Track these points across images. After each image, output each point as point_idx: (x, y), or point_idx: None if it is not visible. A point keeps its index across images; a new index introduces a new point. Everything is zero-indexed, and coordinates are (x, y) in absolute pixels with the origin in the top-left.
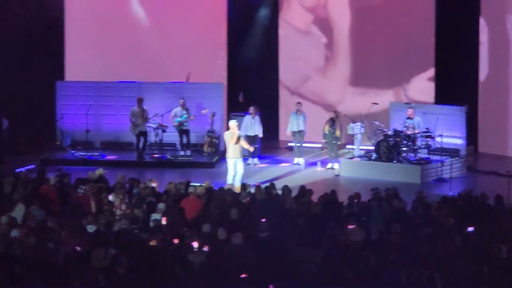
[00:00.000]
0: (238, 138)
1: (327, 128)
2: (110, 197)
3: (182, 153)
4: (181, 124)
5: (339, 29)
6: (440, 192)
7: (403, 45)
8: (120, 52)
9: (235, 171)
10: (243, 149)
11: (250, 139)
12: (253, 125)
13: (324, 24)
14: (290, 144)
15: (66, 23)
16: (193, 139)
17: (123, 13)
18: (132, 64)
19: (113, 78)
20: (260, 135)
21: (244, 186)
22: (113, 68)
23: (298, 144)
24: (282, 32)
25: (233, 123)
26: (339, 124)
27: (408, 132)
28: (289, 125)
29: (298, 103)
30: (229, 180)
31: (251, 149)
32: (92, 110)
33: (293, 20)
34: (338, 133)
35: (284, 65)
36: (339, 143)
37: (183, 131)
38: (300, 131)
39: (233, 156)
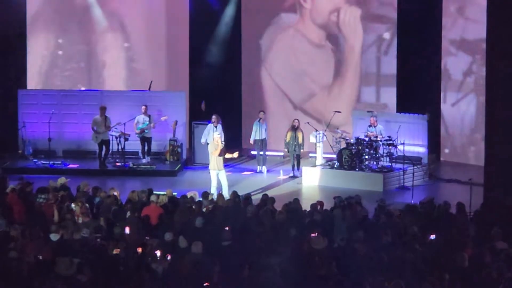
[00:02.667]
0: (222, 151)
1: (289, 136)
2: (72, 206)
3: (143, 160)
4: (142, 131)
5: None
6: (402, 200)
7: (367, 54)
8: (82, 61)
9: (219, 183)
10: (207, 156)
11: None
12: (214, 133)
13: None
14: (252, 152)
15: (28, 32)
16: (155, 147)
17: (85, 22)
18: (94, 72)
19: (75, 87)
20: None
21: (206, 194)
22: (75, 77)
23: (261, 153)
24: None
25: (216, 135)
26: (300, 131)
27: (370, 137)
28: (252, 134)
29: (261, 111)
30: (212, 191)
31: (236, 155)
32: (54, 118)
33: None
34: (300, 139)
35: (288, 78)
36: (302, 150)
37: (145, 139)
38: (262, 140)
39: (214, 168)
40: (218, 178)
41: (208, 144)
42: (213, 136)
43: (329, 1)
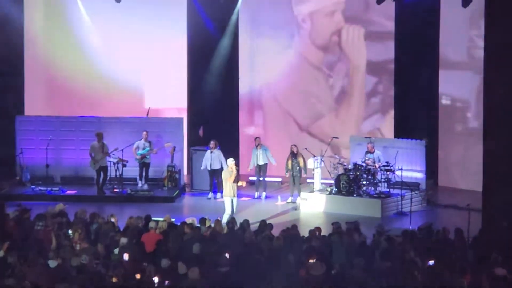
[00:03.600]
0: (236, 177)
1: (289, 163)
2: (70, 232)
3: (140, 184)
4: (143, 157)
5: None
6: (400, 226)
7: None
8: (80, 87)
9: (232, 210)
10: (205, 182)
11: (211, 174)
12: (212, 159)
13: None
14: (251, 178)
15: (26, 58)
16: (153, 173)
17: (83, 48)
18: (92, 99)
19: (73, 113)
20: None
21: (203, 220)
22: (72, 103)
23: (261, 178)
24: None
25: (231, 162)
26: (301, 156)
27: (368, 164)
28: (251, 161)
29: (256, 137)
30: (225, 218)
31: (244, 184)
32: (52, 144)
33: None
34: (302, 163)
35: (296, 101)
36: (304, 175)
37: (144, 164)
38: (261, 165)
39: (229, 195)
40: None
41: (208, 170)
42: (227, 163)
43: (329, 21)
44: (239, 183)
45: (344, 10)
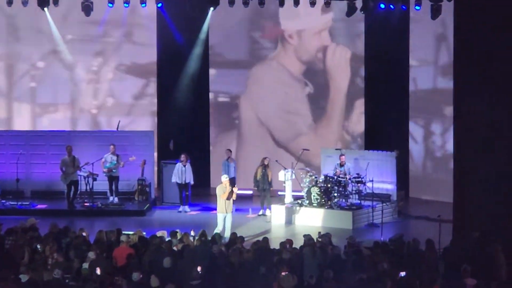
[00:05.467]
0: (230, 194)
1: (259, 174)
2: (38, 246)
3: (111, 198)
4: (110, 170)
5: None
6: (371, 237)
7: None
8: (50, 101)
9: (224, 226)
10: (176, 195)
11: (181, 187)
12: (184, 172)
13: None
14: None
15: None
16: (124, 187)
17: (54, 62)
18: (62, 112)
19: (43, 127)
20: (192, 182)
21: (174, 233)
22: (42, 117)
23: None
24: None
25: (225, 178)
26: (270, 169)
27: (339, 176)
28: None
29: (228, 150)
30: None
31: (236, 189)
32: (22, 159)
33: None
34: (270, 177)
35: (273, 114)
36: (271, 188)
37: (112, 178)
38: (231, 179)
39: (222, 211)
40: (225, 222)
41: (177, 183)
42: (221, 179)
43: (317, 40)
44: (235, 190)
45: (330, 29)
